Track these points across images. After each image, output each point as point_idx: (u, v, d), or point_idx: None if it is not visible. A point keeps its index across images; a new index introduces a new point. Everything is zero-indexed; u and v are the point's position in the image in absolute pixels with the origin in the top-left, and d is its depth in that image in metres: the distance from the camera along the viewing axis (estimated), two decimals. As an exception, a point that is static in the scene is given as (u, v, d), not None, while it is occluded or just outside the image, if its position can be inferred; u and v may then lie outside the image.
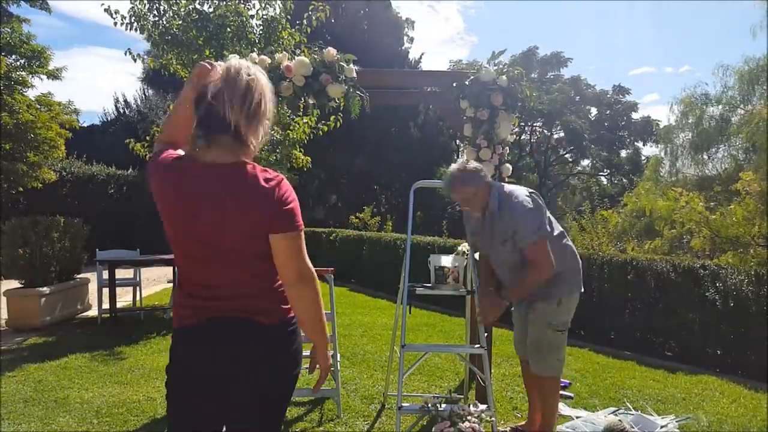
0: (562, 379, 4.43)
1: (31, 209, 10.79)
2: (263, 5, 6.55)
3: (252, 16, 6.46)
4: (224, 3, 6.22)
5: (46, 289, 6.50)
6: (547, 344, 3.12)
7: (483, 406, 3.09)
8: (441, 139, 21.41)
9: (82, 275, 7.48)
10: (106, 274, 6.74)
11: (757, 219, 6.80)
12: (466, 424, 2.90)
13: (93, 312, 7.30)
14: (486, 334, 3.35)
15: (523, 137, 24.87)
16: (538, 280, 2.97)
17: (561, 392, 4.18)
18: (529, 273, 2.96)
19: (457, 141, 21.21)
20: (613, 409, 3.85)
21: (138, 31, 6.24)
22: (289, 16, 6.65)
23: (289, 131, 6.13)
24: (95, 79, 53.03)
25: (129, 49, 6.59)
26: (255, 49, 6.06)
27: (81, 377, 4.53)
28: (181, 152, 1.69)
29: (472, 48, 58.06)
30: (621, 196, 13.52)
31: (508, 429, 3.51)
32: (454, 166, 3.07)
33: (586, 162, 28.46)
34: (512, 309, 3.45)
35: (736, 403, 4.07)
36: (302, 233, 1.67)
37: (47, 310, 6.54)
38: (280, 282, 1.67)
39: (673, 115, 12.24)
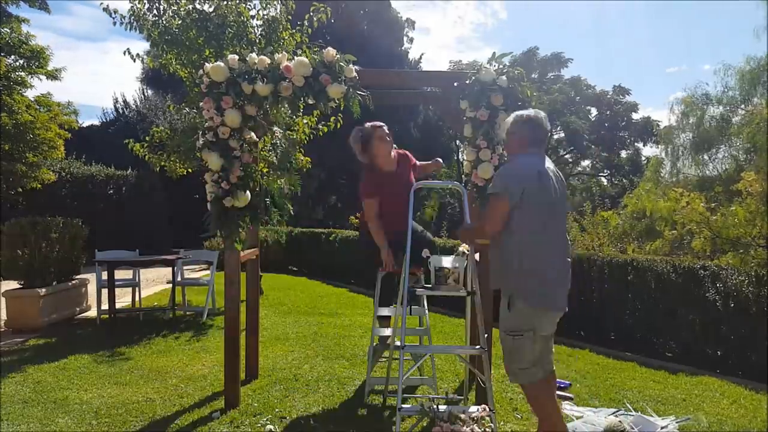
0: (561, 380, 4.43)
1: (30, 210, 10.79)
2: (264, 5, 6.54)
3: (252, 17, 6.45)
4: (225, 3, 6.21)
5: (45, 290, 6.49)
6: (504, 347, 2.92)
7: (482, 407, 3.07)
8: (441, 140, 21.41)
9: (81, 276, 7.47)
10: (105, 275, 6.73)
11: (757, 220, 6.79)
12: (467, 428, 2.89)
13: (92, 313, 7.29)
14: (486, 335, 3.34)
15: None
16: (477, 231, 3.13)
17: (560, 393, 4.17)
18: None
19: (457, 141, 21.20)
20: (613, 410, 3.84)
21: (137, 31, 6.23)
22: (290, 17, 6.64)
23: (289, 132, 6.12)
24: (127, 70, 52.89)
25: (128, 48, 6.58)
26: (255, 49, 6.06)
27: (80, 378, 4.53)
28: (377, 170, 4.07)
29: (504, 42, 58.32)
30: (621, 197, 13.52)
31: None
32: (518, 112, 3.09)
33: (586, 162, 28.45)
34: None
35: (736, 404, 4.06)
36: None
37: (46, 311, 6.53)
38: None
39: (674, 116, 12.24)
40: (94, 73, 48.34)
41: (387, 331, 4.09)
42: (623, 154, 26.92)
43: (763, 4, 10.62)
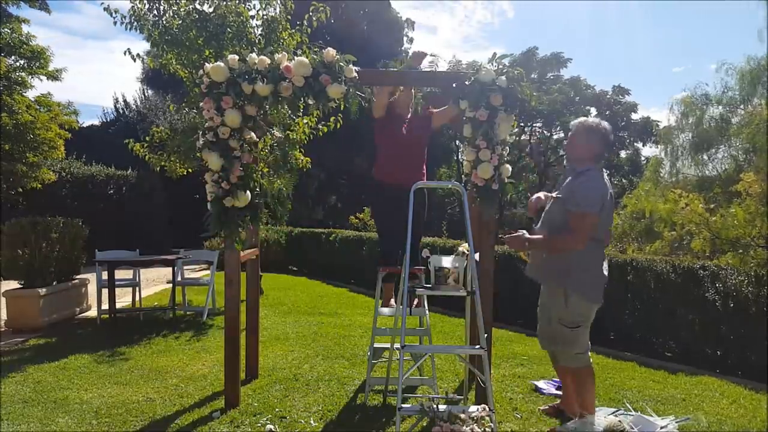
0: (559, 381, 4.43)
1: (30, 210, 10.79)
2: (263, 5, 6.54)
3: (252, 17, 6.45)
4: (224, 3, 6.22)
5: (45, 290, 6.50)
6: (561, 339, 3.43)
7: (482, 407, 3.08)
8: (441, 140, 21.39)
9: (81, 276, 7.48)
10: (105, 275, 6.74)
11: (757, 220, 6.79)
12: (466, 428, 2.89)
13: (92, 313, 7.29)
14: (486, 335, 3.34)
15: (522, 138, 24.81)
16: (563, 244, 3.27)
17: (560, 393, 4.18)
18: (562, 234, 3.27)
19: (457, 141, 21.18)
20: (613, 409, 3.84)
21: (138, 31, 6.23)
22: (289, 17, 6.64)
23: (289, 132, 6.12)
24: (130, 69, 53.08)
25: (128, 49, 6.58)
26: (255, 49, 6.06)
27: (80, 378, 4.53)
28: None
29: (511, 42, 58.44)
30: (621, 197, 13.52)
31: (546, 407, 3.84)
32: (592, 120, 3.46)
33: (585, 162, 28.36)
34: (538, 307, 3.64)
35: (735, 404, 4.07)
36: None
37: (46, 311, 6.53)
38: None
39: (673, 116, 12.22)
40: (100, 72, 48.53)
41: (387, 331, 4.10)
42: (623, 154, 26.87)
43: (763, 4, 10.61)
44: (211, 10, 6.24)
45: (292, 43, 6.51)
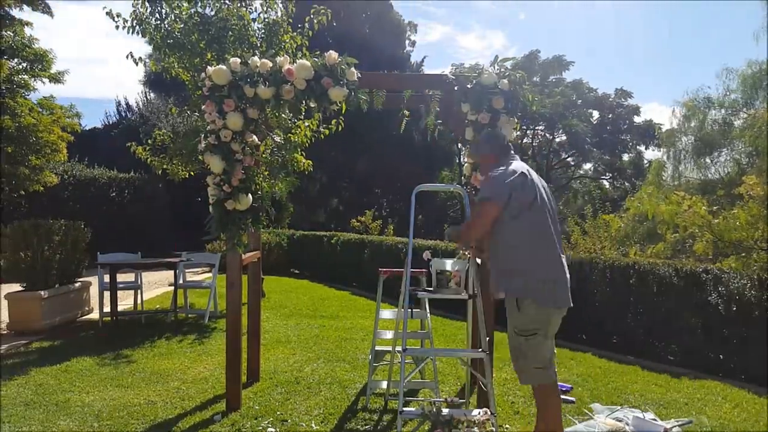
0: (563, 384, 4.42)
1: (32, 212, 10.81)
2: (265, 9, 6.55)
3: (254, 20, 6.46)
4: (226, 6, 6.23)
5: (47, 293, 6.50)
6: (515, 348, 2.95)
7: (483, 411, 3.07)
8: (443, 143, 21.40)
9: (83, 278, 7.48)
10: (107, 278, 6.74)
11: (760, 223, 6.76)
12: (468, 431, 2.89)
13: (94, 315, 7.30)
14: (488, 338, 3.34)
15: (525, 141, 24.81)
16: (465, 233, 3.08)
17: (563, 397, 4.16)
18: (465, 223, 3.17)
19: (459, 144, 21.18)
20: (617, 409, 3.82)
21: (140, 35, 6.24)
22: (290, 20, 6.65)
23: (290, 135, 6.12)
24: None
25: (131, 52, 6.59)
26: (256, 52, 6.07)
27: (82, 380, 4.53)
28: None
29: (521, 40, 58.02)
30: (623, 200, 13.51)
31: None
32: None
33: (588, 166, 28.40)
34: None
35: (738, 408, 4.05)
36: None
37: (48, 314, 6.54)
38: None
39: (676, 119, 12.21)
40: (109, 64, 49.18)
41: (388, 334, 4.09)
42: (625, 157, 26.88)
43: (764, 4, 10.59)
44: (212, 13, 6.25)
45: (293, 45, 6.52)
